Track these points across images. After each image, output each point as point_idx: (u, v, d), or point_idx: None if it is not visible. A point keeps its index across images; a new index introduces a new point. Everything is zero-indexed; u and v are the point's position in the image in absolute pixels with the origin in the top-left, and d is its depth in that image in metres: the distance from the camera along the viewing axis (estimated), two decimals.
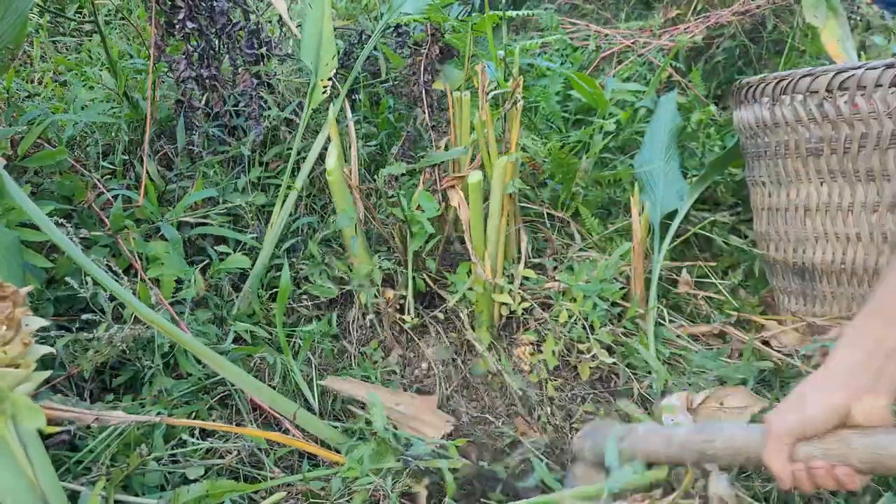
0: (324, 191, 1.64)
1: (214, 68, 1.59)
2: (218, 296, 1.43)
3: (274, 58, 1.69)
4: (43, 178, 1.42)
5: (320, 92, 1.56)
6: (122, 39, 2.15)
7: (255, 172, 1.60)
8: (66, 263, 1.26)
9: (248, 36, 1.60)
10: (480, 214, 1.38)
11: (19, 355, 0.65)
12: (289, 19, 1.59)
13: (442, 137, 1.57)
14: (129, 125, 1.63)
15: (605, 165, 1.86)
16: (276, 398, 1.17)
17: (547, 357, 1.39)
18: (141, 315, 1.07)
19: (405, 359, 1.45)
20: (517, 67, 1.47)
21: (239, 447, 1.14)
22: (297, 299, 1.51)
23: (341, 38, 1.81)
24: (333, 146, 1.41)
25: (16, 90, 1.68)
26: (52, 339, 1.12)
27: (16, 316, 0.64)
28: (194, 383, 1.23)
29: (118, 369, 1.25)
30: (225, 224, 1.53)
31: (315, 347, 1.40)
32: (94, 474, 1.01)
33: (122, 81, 1.63)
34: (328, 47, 1.55)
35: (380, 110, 1.82)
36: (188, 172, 1.60)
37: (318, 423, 1.20)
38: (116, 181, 1.54)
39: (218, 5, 1.54)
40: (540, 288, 1.50)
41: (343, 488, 1.06)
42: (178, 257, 1.39)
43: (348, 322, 1.50)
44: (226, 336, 1.34)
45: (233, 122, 1.66)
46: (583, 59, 2.29)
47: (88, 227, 1.38)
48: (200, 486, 1.02)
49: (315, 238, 1.55)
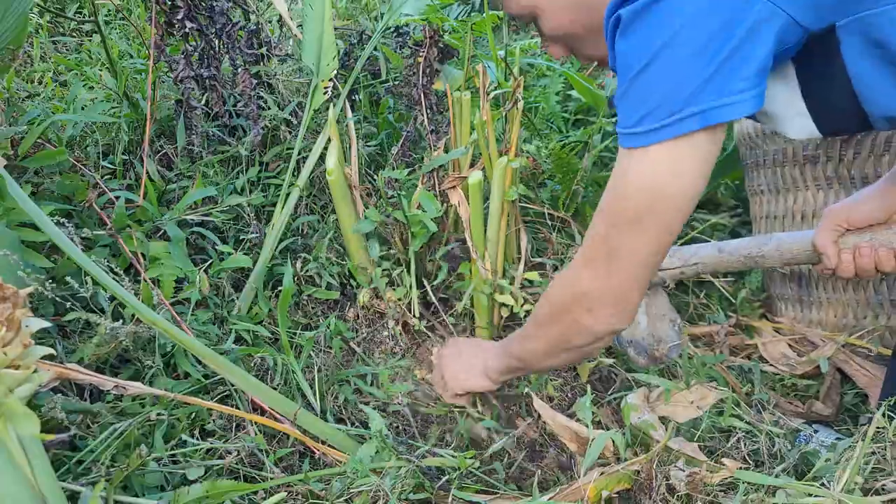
0: (324, 191, 1.64)
1: (214, 68, 1.59)
2: (218, 296, 1.43)
3: (274, 58, 1.69)
4: (43, 178, 1.42)
5: (321, 92, 1.56)
6: (122, 39, 2.15)
7: (254, 172, 1.60)
8: (67, 263, 1.26)
9: (248, 36, 1.60)
10: (481, 215, 1.38)
11: (19, 356, 0.64)
12: (289, 19, 1.59)
13: (442, 138, 1.57)
14: (129, 125, 1.63)
15: (605, 166, 1.86)
16: (276, 398, 1.17)
17: None
18: (141, 315, 1.07)
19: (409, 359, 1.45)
20: (517, 67, 1.47)
21: (239, 447, 1.13)
22: (299, 299, 1.51)
23: (341, 38, 1.81)
24: (333, 146, 1.41)
25: (16, 90, 1.68)
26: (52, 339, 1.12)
27: (16, 317, 0.64)
28: (194, 383, 1.23)
29: (118, 368, 1.25)
30: (227, 223, 1.53)
31: (317, 348, 1.40)
32: (94, 474, 1.01)
33: (122, 81, 1.63)
34: (329, 48, 1.55)
35: (380, 110, 1.82)
36: (188, 172, 1.60)
37: (320, 423, 1.19)
38: (116, 181, 1.54)
39: (218, 5, 1.54)
40: (540, 288, 1.50)
41: (344, 489, 1.06)
42: (181, 256, 1.39)
43: (350, 322, 1.50)
44: (226, 336, 1.34)
45: (233, 122, 1.66)
46: None
47: (89, 226, 1.38)
48: (200, 487, 1.02)
49: (319, 239, 1.55)
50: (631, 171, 0.77)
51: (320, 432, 1.18)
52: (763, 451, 1.09)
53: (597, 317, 0.87)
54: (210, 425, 1.19)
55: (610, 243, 0.81)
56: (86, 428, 1.09)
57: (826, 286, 1.44)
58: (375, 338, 1.49)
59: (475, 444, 1.26)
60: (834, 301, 1.44)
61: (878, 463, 0.88)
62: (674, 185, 0.75)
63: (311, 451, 1.19)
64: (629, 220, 0.78)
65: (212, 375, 1.24)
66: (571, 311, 0.89)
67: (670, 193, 0.75)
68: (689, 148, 0.73)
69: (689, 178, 0.75)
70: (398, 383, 1.37)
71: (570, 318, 0.89)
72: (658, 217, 0.77)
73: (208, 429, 1.19)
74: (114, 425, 1.06)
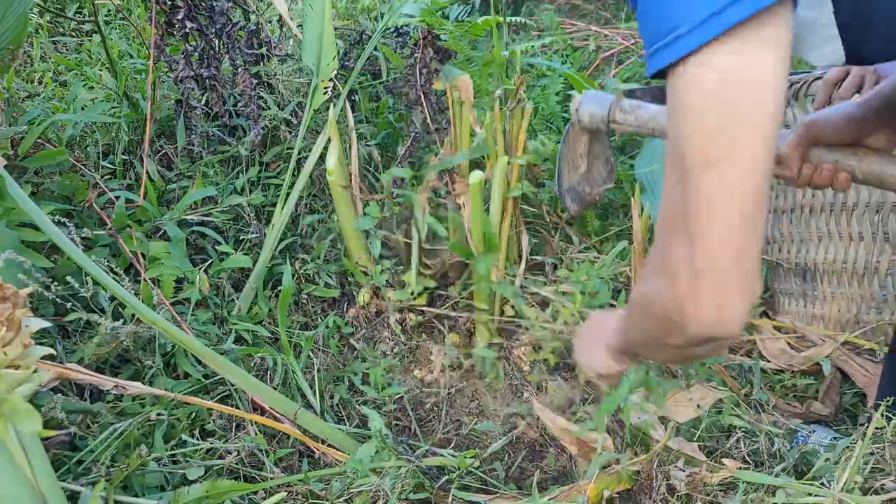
0: (324, 191, 1.65)
1: (214, 68, 1.59)
2: (218, 296, 1.43)
3: (274, 58, 1.69)
4: (43, 178, 1.42)
5: (321, 92, 1.56)
6: (122, 39, 2.15)
7: (254, 172, 1.60)
8: (67, 263, 1.26)
9: (248, 36, 1.60)
10: (482, 215, 1.38)
11: (19, 356, 0.64)
12: (289, 19, 1.59)
13: (443, 138, 1.57)
14: (129, 125, 1.63)
15: None
16: (276, 398, 1.17)
17: (547, 356, 1.39)
18: (141, 315, 1.07)
19: (408, 358, 1.45)
20: (518, 67, 1.47)
21: (239, 447, 1.14)
22: (299, 299, 1.51)
23: (341, 38, 1.81)
24: (333, 146, 1.41)
25: (16, 90, 1.68)
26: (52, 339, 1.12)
27: (16, 317, 0.64)
28: (194, 383, 1.23)
29: (118, 368, 1.25)
30: (227, 223, 1.53)
31: (317, 347, 1.41)
32: (94, 474, 1.01)
33: (122, 81, 1.63)
34: (329, 48, 1.55)
35: (380, 110, 1.82)
36: (188, 172, 1.60)
37: (320, 422, 1.20)
38: (116, 181, 1.54)
39: (218, 5, 1.54)
40: (540, 289, 1.50)
41: (344, 488, 1.06)
42: (181, 256, 1.39)
43: (350, 321, 1.50)
44: (226, 336, 1.34)
45: (233, 122, 1.66)
46: (583, 59, 2.29)
47: (89, 226, 1.38)
48: (200, 487, 1.02)
49: (319, 239, 1.55)
50: (681, 95, 0.56)
51: (320, 432, 1.18)
52: (763, 451, 1.09)
53: (695, 303, 0.61)
54: (210, 425, 1.19)
55: (687, 202, 0.58)
56: (86, 428, 1.09)
57: (831, 281, 1.44)
58: (375, 336, 1.49)
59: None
60: (838, 296, 1.44)
61: (878, 462, 0.88)
62: (747, 95, 0.54)
63: (311, 450, 1.19)
64: (700, 164, 0.56)
65: (212, 375, 1.24)
66: (658, 304, 0.66)
67: (744, 112, 0.54)
68: (755, 38, 0.53)
69: (766, 81, 0.54)
70: (395, 385, 1.37)
71: (660, 312, 0.67)
72: (737, 148, 0.55)
73: (208, 429, 1.19)
74: (114, 425, 1.06)
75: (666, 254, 0.62)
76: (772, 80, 0.53)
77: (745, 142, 0.55)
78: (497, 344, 1.45)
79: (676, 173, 0.58)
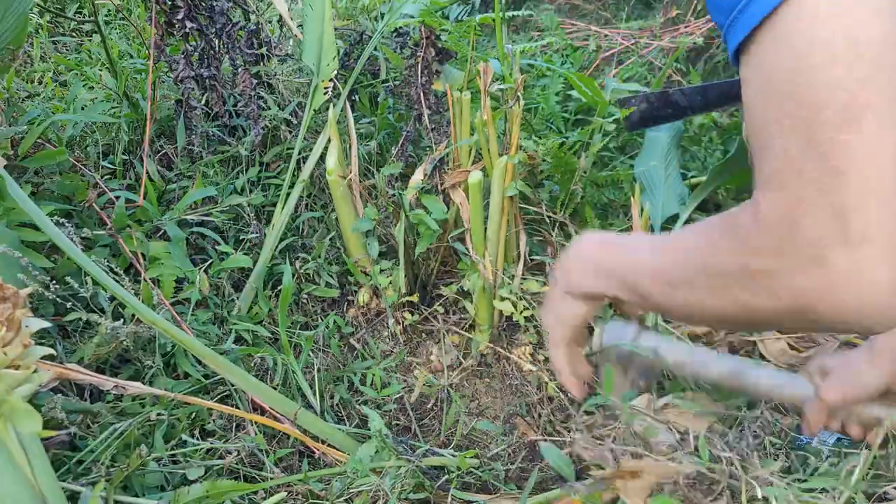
0: (324, 190, 1.65)
1: (214, 68, 1.59)
2: (218, 296, 1.43)
3: (274, 58, 1.69)
4: (43, 178, 1.42)
5: (321, 92, 1.56)
6: (122, 39, 2.15)
7: (254, 172, 1.60)
8: (67, 263, 1.26)
9: (248, 36, 1.60)
10: (481, 215, 1.38)
11: (19, 357, 0.65)
12: (289, 19, 1.59)
13: (443, 138, 1.57)
14: (129, 125, 1.63)
15: (604, 165, 1.87)
16: (276, 398, 1.17)
17: (547, 356, 1.39)
18: (141, 315, 1.07)
19: (408, 358, 1.45)
20: (518, 66, 1.47)
21: (239, 447, 1.14)
22: (299, 298, 1.51)
23: (341, 38, 1.81)
24: (333, 146, 1.41)
25: (16, 90, 1.68)
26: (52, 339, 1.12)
27: (16, 317, 0.64)
28: (194, 383, 1.23)
29: (118, 368, 1.25)
30: (227, 223, 1.53)
31: (317, 347, 1.41)
32: (94, 474, 1.01)
33: (122, 81, 1.63)
34: (329, 48, 1.55)
35: (380, 110, 1.82)
36: (188, 172, 1.60)
37: (320, 422, 1.20)
38: (116, 181, 1.54)
39: (218, 5, 1.54)
40: (540, 289, 1.50)
41: (343, 488, 1.06)
42: (181, 256, 1.39)
43: (350, 321, 1.50)
44: (226, 336, 1.34)
45: (233, 122, 1.66)
46: (583, 59, 2.29)
47: (89, 226, 1.38)
48: (200, 487, 1.02)
49: (319, 239, 1.55)
50: (799, 36, 0.50)
51: (320, 432, 1.18)
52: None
53: (858, 280, 0.52)
54: (210, 425, 1.19)
55: (828, 166, 0.51)
56: (86, 428, 1.09)
57: None
58: (375, 336, 1.49)
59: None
60: None
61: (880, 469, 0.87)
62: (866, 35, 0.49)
63: (311, 450, 1.19)
64: (846, 118, 0.50)
65: (212, 375, 1.24)
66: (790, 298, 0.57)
67: (862, 52, 0.49)
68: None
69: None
70: (395, 385, 1.37)
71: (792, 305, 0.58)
72: (883, 92, 0.49)
73: (208, 429, 1.19)
74: (114, 425, 1.06)
75: (799, 240, 0.54)
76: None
77: (885, 83, 0.49)
78: (497, 345, 1.45)
79: (801, 140, 0.51)
